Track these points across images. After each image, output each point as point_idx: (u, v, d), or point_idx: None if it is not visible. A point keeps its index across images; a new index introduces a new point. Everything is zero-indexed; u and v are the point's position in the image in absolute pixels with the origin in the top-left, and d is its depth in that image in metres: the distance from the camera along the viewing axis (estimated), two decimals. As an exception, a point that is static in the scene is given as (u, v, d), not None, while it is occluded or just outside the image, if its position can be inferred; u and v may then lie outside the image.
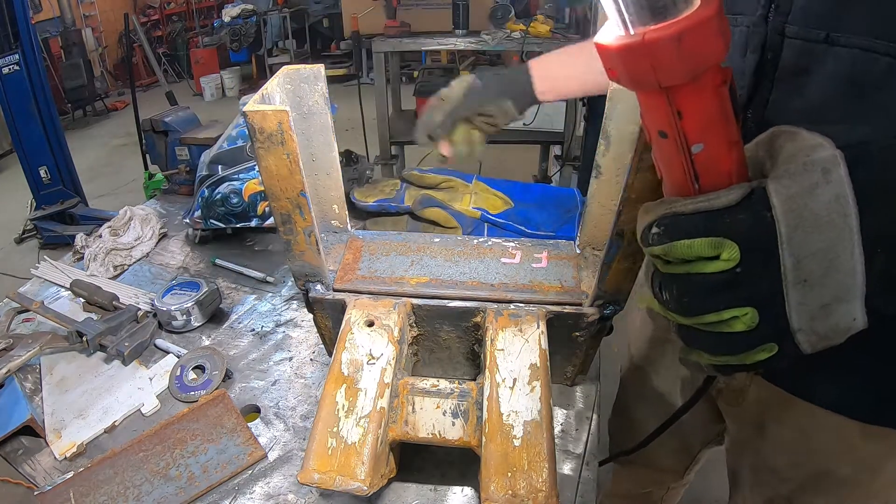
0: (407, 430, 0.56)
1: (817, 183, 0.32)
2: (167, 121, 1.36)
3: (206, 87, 5.98)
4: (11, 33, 2.65)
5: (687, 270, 0.35)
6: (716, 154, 0.34)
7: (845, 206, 0.31)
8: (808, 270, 0.32)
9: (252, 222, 1.08)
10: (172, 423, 0.71)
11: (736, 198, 0.33)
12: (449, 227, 1.01)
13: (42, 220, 2.94)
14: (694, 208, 0.34)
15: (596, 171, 0.64)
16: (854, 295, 0.33)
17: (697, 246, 0.34)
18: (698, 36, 0.29)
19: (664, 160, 0.36)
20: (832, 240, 0.32)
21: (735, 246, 0.33)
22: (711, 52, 0.30)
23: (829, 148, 0.32)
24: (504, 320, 0.59)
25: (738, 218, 0.33)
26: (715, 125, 0.33)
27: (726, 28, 0.30)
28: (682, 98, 0.32)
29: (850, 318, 0.33)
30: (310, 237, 0.56)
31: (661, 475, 1.07)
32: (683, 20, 0.29)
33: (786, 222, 0.32)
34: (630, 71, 0.31)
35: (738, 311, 0.34)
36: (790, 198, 0.32)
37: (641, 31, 0.30)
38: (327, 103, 0.62)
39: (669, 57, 0.29)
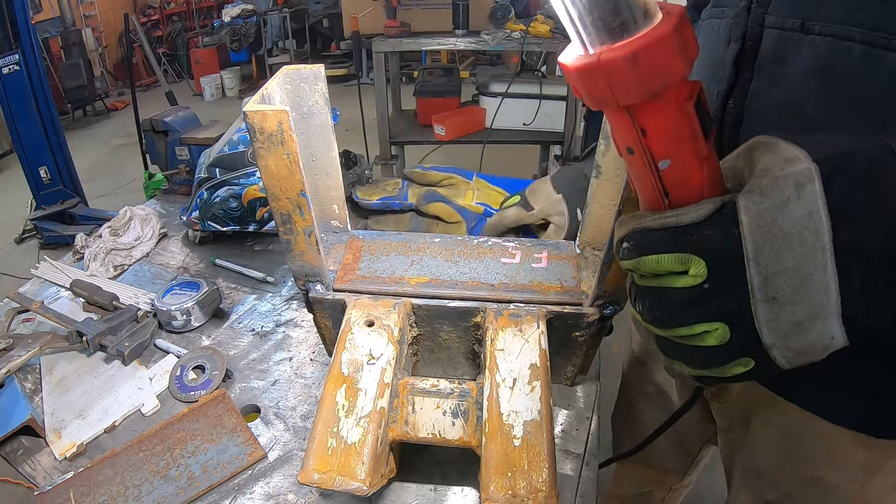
0: (407, 430, 0.56)
1: (789, 198, 0.31)
2: (167, 121, 1.36)
3: (206, 87, 5.99)
4: (11, 33, 2.65)
5: (658, 284, 0.35)
6: (684, 170, 0.33)
7: (818, 223, 0.31)
8: (776, 288, 0.32)
9: (250, 227, 1.08)
10: (172, 423, 0.71)
11: (705, 213, 0.33)
12: (453, 221, 1.02)
13: (42, 220, 2.94)
14: (661, 224, 0.34)
15: (596, 171, 0.64)
16: (829, 313, 0.32)
17: (665, 261, 0.34)
18: (654, 55, 0.29)
19: (634, 175, 0.36)
20: (803, 257, 0.31)
21: (702, 262, 0.33)
22: (669, 71, 0.29)
23: (805, 161, 0.31)
24: (504, 320, 0.59)
25: (706, 234, 0.33)
26: (681, 141, 0.32)
27: (688, 43, 0.29)
28: (645, 116, 0.31)
29: (828, 336, 0.32)
30: (310, 237, 0.56)
31: (662, 475, 1.07)
32: (638, 39, 0.29)
33: (752, 239, 0.31)
34: (589, 90, 0.31)
35: (708, 325, 0.34)
36: (759, 214, 0.31)
37: (598, 51, 0.30)
38: (327, 103, 0.62)
39: (625, 77, 0.29)
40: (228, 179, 1.07)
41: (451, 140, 2.56)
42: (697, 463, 1.02)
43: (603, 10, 0.29)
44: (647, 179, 0.34)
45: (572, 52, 0.32)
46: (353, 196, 1.10)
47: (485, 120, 2.64)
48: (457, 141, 2.57)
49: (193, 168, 1.27)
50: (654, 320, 0.37)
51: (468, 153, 2.58)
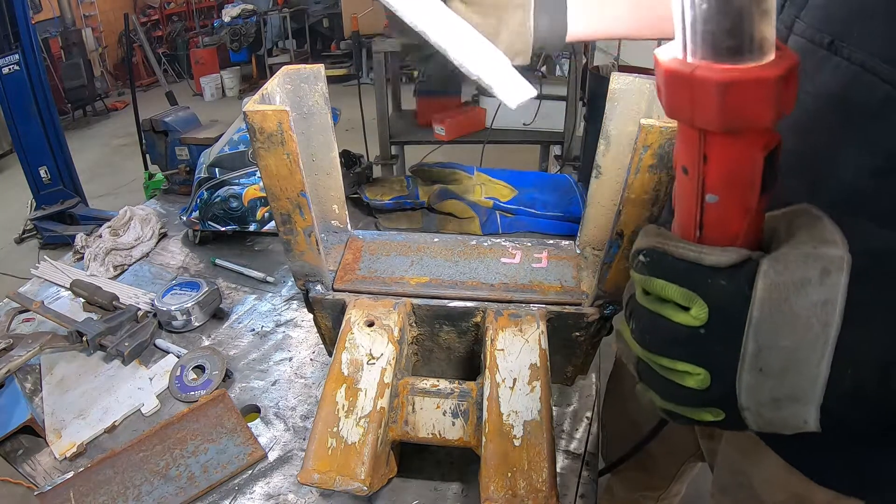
0: (407, 430, 0.56)
1: (810, 280, 0.30)
2: (167, 121, 1.36)
3: (206, 87, 5.98)
4: (11, 33, 2.65)
5: (657, 309, 0.35)
6: (727, 213, 0.32)
7: (830, 315, 0.30)
8: (766, 361, 0.31)
9: (250, 227, 1.09)
10: (172, 423, 0.71)
11: (726, 262, 0.32)
12: (466, 217, 1.03)
13: (42, 220, 2.94)
14: (682, 255, 0.33)
15: (596, 171, 0.64)
16: (809, 400, 0.32)
17: (671, 291, 0.33)
18: (748, 94, 0.27)
19: (679, 195, 0.35)
20: (802, 343, 0.31)
21: (706, 307, 0.32)
22: (756, 116, 0.28)
23: (839, 248, 0.30)
24: (504, 320, 0.59)
25: (719, 282, 0.32)
26: (736, 185, 0.31)
27: (787, 96, 0.28)
28: (713, 145, 0.30)
29: (801, 419, 0.32)
30: (310, 237, 0.56)
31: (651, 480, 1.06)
32: (739, 71, 0.27)
33: (760, 308, 0.31)
34: (671, 97, 0.30)
35: (691, 367, 0.34)
36: (776, 286, 0.31)
37: (695, 64, 0.28)
38: (327, 103, 0.62)
39: (710, 101, 0.28)
40: (228, 179, 1.07)
41: (451, 140, 2.56)
42: (682, 474, 1.01)
43: (719, 26, 0.27)
44: (688, 205, 0.33)
45: (670, 51, 0.30)
46: (363, 196, 1.10)
47: (485, 120, 2.64)
48: (457, 141, 2.57)
49: (193, 168, 1.27)
50: (641, 341, 0.37)
51: (468, 153, 2.58)
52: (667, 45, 0.31)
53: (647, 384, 0.38)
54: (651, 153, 0.45)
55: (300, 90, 0.60)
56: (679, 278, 0.33)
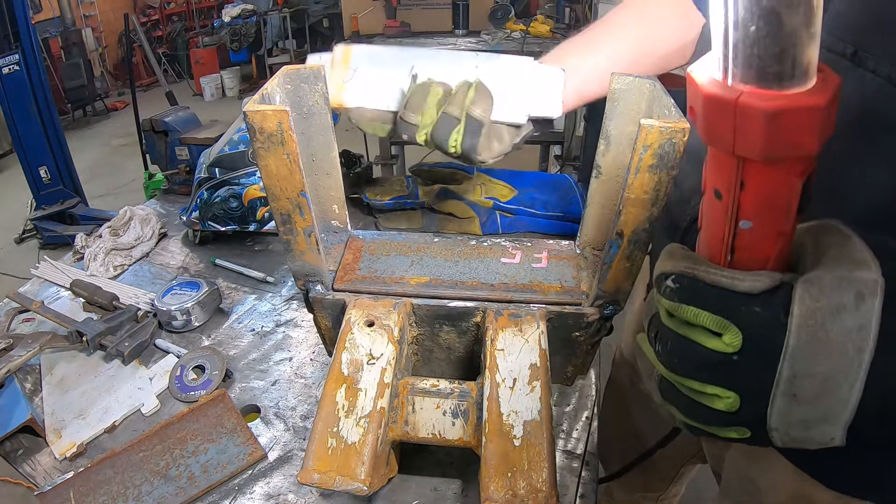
0: (407, 430, 0.56)
1: (846, 306, 0.30)
2: (167, 121, 1.36)
3: (206, 87, 5.98)
4: (11, 33, 2.65)
5: (687, 334, 0.34)
6: (761, 238, 0.32)
7: (864, 340, 0.30)
8: (801, 387, 0.31)
9: (250, 227, 1.09)
10: (172, 423, 0.71)
11: (760, 287, 0.31)
12: (466, 216, 1.03)
13: (42, 220, 2.94)
14: (714, 281, 0.32)
15: (596, 171, 0.64)
16: (839, 421, 0.32)
17: (703, 318, 0.33)
18: (796, 123, 0.26)
19: (709, 218, 0.34)
20: (837, 368, 0.30)
21: (740, 334, 0.32)
22: (802, 145, 0.26)
23: (873, 271, 0.30)
24: (504, 320, 0.59)
25: (754, 310, 0.31)
26: (773, 211, 0.30)
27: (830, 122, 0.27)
28: (752, 172, 0.29)
29: (829, 437, 0.33)
30: (310, 237, 0.56)
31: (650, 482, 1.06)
32: (788, 98, 0.25)
33: (797, 335, 0.30)
34: (709, 123, 0.28)
35: (721, 391, 0.33)
36: (811, 312, 0.30)
37: (739, 89, 0.26)
38: (327, 103, 0.62)
39: (755, 130, 0.26)
40: (228, 179, 1.07)
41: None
42: (682, 475, 1.01)
43: (768, 50, 0.25)
44: (719, 229, 0.33)
45: (706, 71, 0.29)
46: (363, 197, 1.10)
47: (485, 120, 2.64)
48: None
49: (193, 168, 1.27)
50: (669, 364, 0.36)
51: (468, 153, 2.58)
52: (700, 62, 0.29)
53: (670, 402, 0.38)
54: (651, 153, 0.45)
55: (300, 90, 0.60)
56: (711, 305, 0.32)
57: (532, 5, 3.71)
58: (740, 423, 0.34)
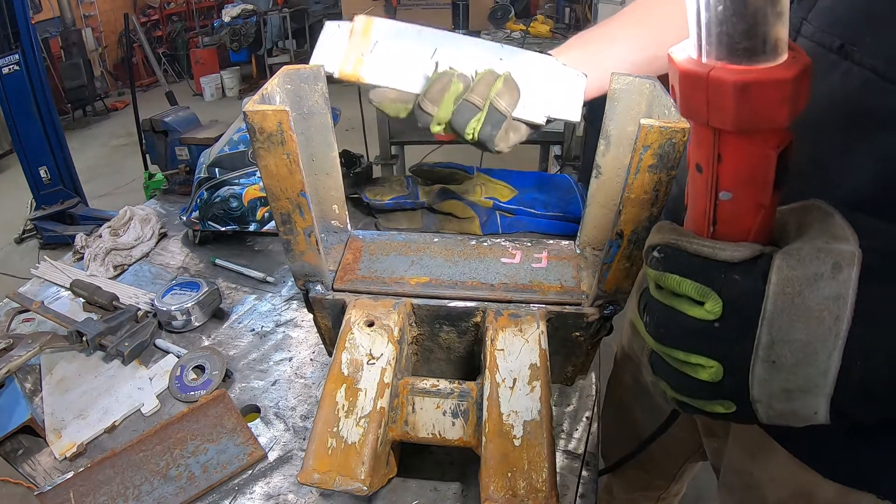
0: (407, 430, 0.56)
1: (822, 275, 0.31)
2: (167, 121, 1.36)
3: (206, 87, 5.98)
4: (11, 33, 2.65)
5: (671, 304, 0.35)
6: (740, 209, 0.33)
7: (841, 309, 0.31)
8: (779, 354, 0.32)
9: (250, 227, 1.09)
10: (172, 423, 0.71)
11: (740, 257, 0.32)
12: (466, 217, 1.03)
13: (42, 220, 2.94)
14: (696, 250, 0.34)
15: (596, 171, 0.64)
16: (820, 392, 0.32)
17: (686, 286, 0.34)
18: (764, 95, 0.27)
19: (692, 192, 0.35)
20: (814, 336, 0.31)
21: (720, 302, 0.33)
22: (772, 116, 0.28)
23: (851, 243, 0.31)
24: (504, 320, 0.59)
25: (733, 277, 0.33)
26: (750, 183, 0.32)
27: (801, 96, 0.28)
28: (728, 144, 0.31)
29: (811, 410, 0.33)
30: (310, 237, 0.56)
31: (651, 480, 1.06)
32: (755, 72, 0.27)
33: (773, 302, 0.32)
34: (685, 98, 0.30)
35: (705, 360, 0.34)
36: (789, 280, 0.31)
37: (710, 64, 0.28)
38: (327, 103, 0.62)
39: (726, 102, 0.28)
40: (228, 179, 1.07)
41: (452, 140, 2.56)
42: (683, 473, 1.01)
43: (735, 28, 0.27)
44: (701, 202, 0.34)
45: (684, 51, 0.31)
46: (363, 197, 1.10)
47: (485, 120, 2.64)
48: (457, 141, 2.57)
49: (193, 168, 1.27)
50: (655, 335, 0.37)
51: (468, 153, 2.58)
52: (680, 44, 0.31)
53: (660, 376, 0.39)
54: (651, 153, 0.45)
55: (300, 90, 0.60)
56: (693, 273, 0.34)
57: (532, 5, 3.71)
58: (724, 396, 0.35)
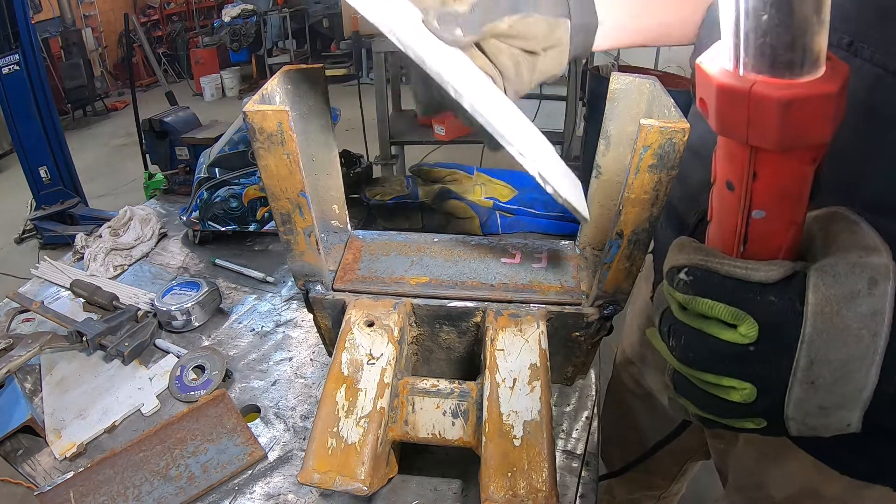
0: (407, 430, 0.56)
1: (860, 292, 0.30)
2: (167, 121, 1.36)
3: (206, 87, 5.98)
4: (11, 33, 2.65)
5: (701, 327, 0.34)
6: (774, 227, 0.32)
7: (879, 324, 0.30)
8: (818, 374, 0.31)
9: (250, 227, 1.09)
10: (172, 423, 0.71)
11: (775, 277, 0.31)
12: (466, 217, 1.03)
13: (42, 220, 2.94)
14: (728, 272, 0.32)
15: (596, 171, 0.64)
16: (856, 406, 0.32)
17: (719, 310, 0.33)
18: (810, 111, 0.26)
19: (720, 209, 0.34)
20: (853, 354, 0.30)
21: (756, 325, 0.32)
22: (816, 132, 0.27)
23: (884, 255, 0.30)
24: (504, 320, 0.59)
25: (769, 299, 0.32)
26: (785, 200, 0.30)
27: (841, 109, 0.27)
28: (765, 162, 0.29)
29: (845, 423, 0.33)
30: (310, 237, 0.56)
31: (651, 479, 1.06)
32: (802, 86, 0.25)
33: (813, 323, 0.31)
34: (722, 114, 0.28)
35: (738, 383, 0.33)
36: (827, 299, 0.30)
37: (751, 78, 0.26)
38: (327, 103, 0.62)
39: (770, 119, 0.26)
40: (228, 179, 1.07)
41: (451, 140, 2.56)
42: (685, 472, 1.01)
43: (780, 39, 0.25)
44: (732, 220, 0.33)
45: (716, 60, 0.28)
46: (363, 197, 1.10)
47: (485, 120, 2.64)
48: (456, 141, 2.57)
49: (193, 168, 1.27)
50: (684, 359, 0.36)
51: (468, 153, 2.59)
52: (709, 53, 0.29)
53: (684, 396, 0.37)
54: (651, 153, 0.45)
55: (300, 90, 0.60)
56: (726, 296, 0.32)
57: (532, 5, 3.69)
58: (756, 414, 0.34)
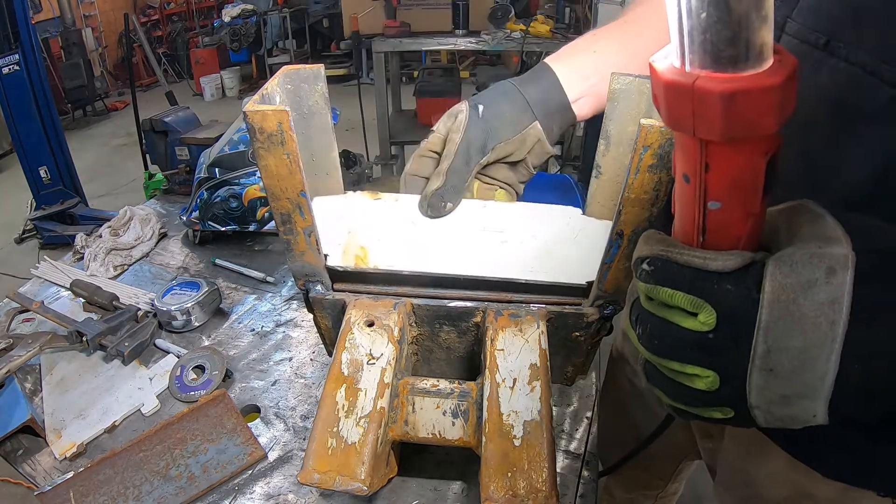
0: (407, 430, 0.56)
1: (817, 280, 0.30)
2: (167, 121, 1.36)
3: (206, 87, 5.98)
4: (11, 33, 2.65)
5: (665, 316, 0.35)
6: (730, 218, 0.32)
7: (837, 313, 0.30)
8: (777, 362, 0.32)
9: (250, 227, 1.09)
10: (172, 423, 0.71)
11: (732, 266, 0.32)
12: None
13: (42, 220, 2.94)
14: (686, 261, 0.33)
15: (596, 171, 0.64)
16: (819, 396, 0.32)
17: (678, 299, 0.33)
18: (752, 103, 0.26)
19: (679, 202, 0.35)
20: (811, 342, 0.31)
21: (714, 313, 0.32)
22: (760, 124, 0.27)
23: (844, 246, 0.30)
24: (504, 320, 0.59)
25: (725, 287, 0.32)
26: (739, 191, 0.31)
27: (789, 101, 0.27)
28: (715, 153, 0.30)
29: (811, 413, 0.33)
30: (310, 237, 0.56)
31: (649, 479, 1.06)
32: (742, 80, 0.26)
33: (769, 311, 0.31)
34: (670, 108, 0.29)
35: (700, 370, 0.34)
36: (783, 287, 0.31)
37: (695, 73, 0.27)
38: (327, 103, 0.62)
39: (713, 112, 0.27)
40: (228, 179, 1.07)
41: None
42: (680, 472, 1.01)
43: (719, 35, 0.26)
44: (690, 211, 0.33)
45: (666, 59, 0.29)
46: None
47: (484, 120, 2.64)
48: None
49: (193, 168, 1.27)
50: (649, 346, 0.37)
51: (468, 153, 2.57)
52: (661, 52, 0.30)
53: (655, 385, 0.38)
54: (651, 153, 0.45)
55: (300, 90, 0.60)
56: (685, 285, 0.33)
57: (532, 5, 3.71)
58: (722, 403, 0.35)
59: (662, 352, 0.36)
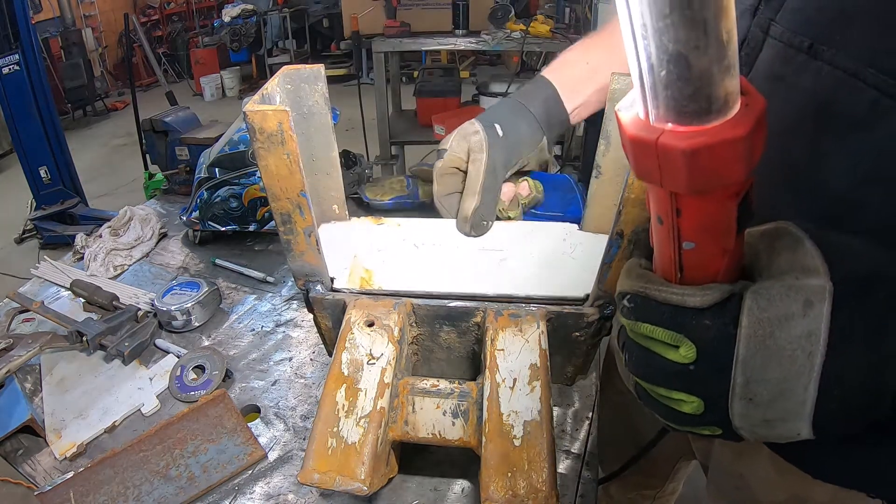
0: (407, 430, 0.56)
1: (794, 314, 0.31)
2: (167, 121, 1.36)
3: (206, 87, 5.99)
4: (11, 33, 2.65)
5: (648, 346, 0.36)
6: (705, 256, 0.33)
7: (814, 345, 0.30)
8: (755, 392, 0.32)
9: (250, 227, 1.09)
10: (172, 423, 0.71)
11: (709, 301, 0.32)
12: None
13: (42, 220, 2.94)
14: (665, 299, 0.34)
15: (596, 171, 0.64)
16: (800, 418, 0.32)
17: (659, 333, 0.34)
18: (716, 157, 0.26)
19: (656, 240, 0.35)
20: (788, 373, 0.31)
21: (693, 346, 0.33)
22: (727, 176, 0.27)
23: (822, 277, 0.31)
24: (504, 320, 0.59)
25: (703, 323, 0.33)
26: (711, 233, 0.31)
27: (756, 147, 0.27)
28: (685, 203, 0.30)
29: (795, 433, 0.34)
30: (310, 237, 0.56)
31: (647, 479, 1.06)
32: (706, 133, 0.25)
33: (746, 345, 0.32)
34: (637, 162, 0.29)
35: (686, 396, 0.35)
36: (760, 322, 0.31)
37: (659, 128, 0.27)
38: (327, 103, 0.62)
39: (678, 168, 0.27)
40: (228, 179, 1.07)
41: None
42: (678, 472, 1.01)
43: (681, 92, 0.25)
44: (666, 251, 0.34)
45: (631, 107, 0.29)
46: (363, 196, 1.10)
47: (485, 120, 2.64)
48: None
49: (193, 168, 1.27)
50: (636, 373, 0.38)
51: (468, 153, 2.57)
52: (627, 99, 0.30)
53: (646, 405, 0.39)
54: (651, 153, 0.45)
55: (300, 90, 0.60)
56: (664, 321, 0.34)
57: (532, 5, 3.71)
58: (709, 423, 0.36)
59: (649, 378, 0.37)
